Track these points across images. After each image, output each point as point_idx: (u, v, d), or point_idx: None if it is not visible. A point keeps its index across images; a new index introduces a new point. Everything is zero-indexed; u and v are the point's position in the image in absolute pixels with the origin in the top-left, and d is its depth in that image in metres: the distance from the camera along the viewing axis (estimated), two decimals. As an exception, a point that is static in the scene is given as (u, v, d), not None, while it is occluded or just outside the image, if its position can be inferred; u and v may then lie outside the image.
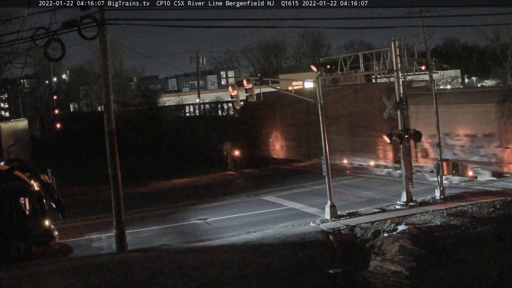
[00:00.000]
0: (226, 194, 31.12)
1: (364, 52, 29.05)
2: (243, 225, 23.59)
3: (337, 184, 29.93)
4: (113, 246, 20.98)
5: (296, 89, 53.30)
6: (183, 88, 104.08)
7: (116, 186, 20.65)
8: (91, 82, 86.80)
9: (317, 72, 25.46)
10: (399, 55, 25.12)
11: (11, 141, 40.73)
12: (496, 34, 74.26)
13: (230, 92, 24.34)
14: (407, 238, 18.23)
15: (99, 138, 26.01)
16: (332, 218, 23.11)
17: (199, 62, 73.18)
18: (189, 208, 28.14)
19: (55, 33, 18.50)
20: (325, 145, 24.12)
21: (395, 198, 25.51)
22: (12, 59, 45.22)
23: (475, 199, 24.21)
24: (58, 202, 21.85)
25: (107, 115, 20.64)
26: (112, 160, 20.68)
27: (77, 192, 34.62)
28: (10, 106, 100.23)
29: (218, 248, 20.05)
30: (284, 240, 20.21)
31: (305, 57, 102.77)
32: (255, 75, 72.58)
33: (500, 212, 21.23)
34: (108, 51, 20.58)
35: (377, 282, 15.05)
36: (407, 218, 22.02)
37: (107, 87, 20.70)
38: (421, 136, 24.69)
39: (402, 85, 25.06)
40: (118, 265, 18.58)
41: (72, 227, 24.82)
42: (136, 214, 26.88)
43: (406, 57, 26.44)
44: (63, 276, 17.52)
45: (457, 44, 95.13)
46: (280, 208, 26.48)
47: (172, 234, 23.17)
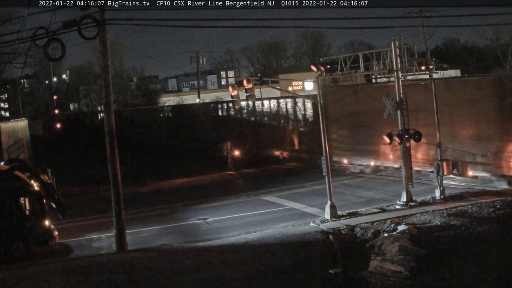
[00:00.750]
0: (226, 194, 31.11)
1: (364, 52, 29.10)
2: (243, 225, 23.59)
3: (337, 184, 29.93)
4: (113, 246, 20.98)
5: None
6: (183, 88, 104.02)
7: (116, 186, 20.65)
8: (91, 82, 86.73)
9: (317, 72, 25.47)
10: (399, 55, 25.12)
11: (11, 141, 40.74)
12: (496, 34, 74.27)
13: (230, 92, 24.32)
14: (407, 238, 18.24)
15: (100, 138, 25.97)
16: (332, 218, 23.11)
17: (199, 62, 73.12)
18: (189, 208, 28.14)
19: (55, 33, 18.49)
20: (325, 145, 24.12)
21: (395, 198, 25.51)
22: (12, 59, 45.15)
23: (475, 199, 24.22)
24: (58, 202, 21.84)
25: (107, 115, 20.65)
26: (112, 160, 20.68)
27: (77, 192, 34.61)
28: (10, 106, 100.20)
29: (218, 248, 20.05)
30: (284, 240, 20.21)
31: (305, 57, 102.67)
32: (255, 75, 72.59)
33: (500, 212, 21.24)
34: (108, 51, 20.57)
35: (377, 282, 15.06)
36: (407, 218, 22.02)
37: (107, 87, 20.70)
38: (421, 136, 24.68)
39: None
40: (118, 265, 18.59)
41: (72, 227, 24.81)
42: (136, 214, 26.88)
43: (406, 57, 26.49)
44: (63, 276, 17.53)
45: (457, 44, 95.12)
46: (280, 208, 26.49)
47: (172, 234, 23.17)
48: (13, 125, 43.27)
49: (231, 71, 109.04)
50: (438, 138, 26.16)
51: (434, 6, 52.43)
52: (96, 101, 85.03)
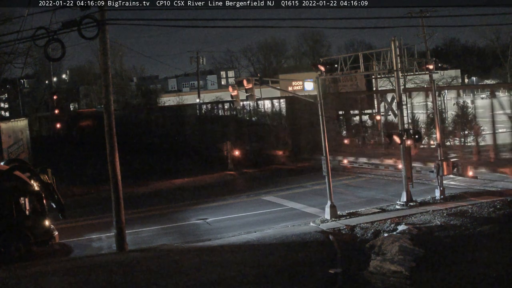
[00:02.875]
0: (226, 194, 31.11)
1: (364, 52, 29.09)
2: (243, 225, 23.59)
3: (337, 184, 29.91)
4: (113, 246, 20.98)
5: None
6: (183, 88, 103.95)
7: (116, 186, 20.66)
8: (91, 82, 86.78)
9: (317, 72, 25.47)
10: (399, 55, 25.14)
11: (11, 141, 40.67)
12: (496, 34, 74.36)
13: (230, 92, 24.35)
14: (407, 238, 18.24)
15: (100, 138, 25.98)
16: (332, 218, 23.11)
17: (199, 62, 73.07)
18: (189, 208, 28.14)
19: (55, 33, 18.48)
20: (325, 145, 24.12)
21: (395, 198, 25.51)
22: (12, 59, 45.24)
23: (475, 199, 24.22)
24: (58, 202, 21.84)
25: (107, 115, 20.65)
26: (112, 160, 20.68)
27: (77, 192, 34.60)
28: (10, 106, 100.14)
29: (218, 248, 20.05)
30: (284, 240, 20.21)
31: (305, 57, 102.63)
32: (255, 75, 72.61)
33: (500, 212, 21.24)
34: (108, 51, 20.58)
35: (377, 282, 15.05)
36: (407, 218, 22.02)
37: (107, 87, 20.70)
38: (421, 135, 24.68)
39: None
40: (118, 265, 18.59)
41: (72, 227, 24.80)
42: (136, 214, 26.87)
43: (406, 57, 26.46)
44: (63, 276, 17.53)
45: (457, 44, 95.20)
46: (280, 208, 26.48)
47: (172, 234, 23.17)
48: (13, 125, 43.20)
49: (231, 71, 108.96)
50: (439, 138, 26.17)
51: (434, 6, 52.47)
52: (96, 101, 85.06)
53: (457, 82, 66.19)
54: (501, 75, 72.46)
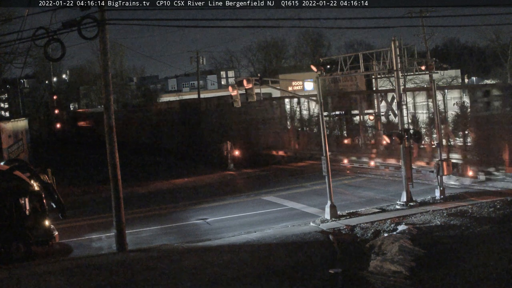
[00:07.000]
0: (226, 194, 31.11)
1: (364, 52, 28.97)
2: (243, 225, 23.59)
3: (337, 184, 29.91)
4: (113, 246, 20.98)
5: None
6: (183, 88, 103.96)
7: (116, 186, 20.65)
8: (91, 82, 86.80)
9: (317, 72, 25.45)
10: (399, 55, 25.12)
11: (11, 141, 40.67)
12: (496, 34, 74.30)
13: (230, 92, 24.32)
14: (407, 238, 18.24)
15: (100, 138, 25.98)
16: (332, 218, 23.10)
17: (199, 62, 73.03)
18: (189, 208, 28.14)
19: (55, 33, 18.51)
20: (325, 145, 24.11)
21: (395, 198, 25.51)
22: (12, 59, 45.24)
23: (475, 199, 24.21)
24: (58, 202, 21.83)
25: (107, 114, 20.65)
26: (112, 160, 20.68)
27: (77, 192, 34.62)
28: (10, 106, 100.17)
29: (218, 248, 20.05)
30: (284, 240, 20.21)
31: (305, 57, 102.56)
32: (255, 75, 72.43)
33: (500, 212, 21.23)
34: (108, 51, 20.57)
35: (377, 282, 15.06)
36: (407, 218, 22.01)
37: (107, 87, 20.69)
38: (421, 135, 24.66)
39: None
40: (118, 265, 18.60)
41: (72, 227, 24.81)
42: (136, 214, 26.87)
43: (406, 57, 26.45)
44: (63, 276, 17.53)
45: (457, 44, 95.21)
46: (280, 208, 26.48)
47: (172, 234, 23.16)
48: (13, 125, 43.22)
49: (231, 71, 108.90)
50: (439, 138, 26.17)
51: (434, 6, 52.42)
52: (96, 101, 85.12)
53: (457, 82, 66.11)
54: (501, 75, 72.43)
